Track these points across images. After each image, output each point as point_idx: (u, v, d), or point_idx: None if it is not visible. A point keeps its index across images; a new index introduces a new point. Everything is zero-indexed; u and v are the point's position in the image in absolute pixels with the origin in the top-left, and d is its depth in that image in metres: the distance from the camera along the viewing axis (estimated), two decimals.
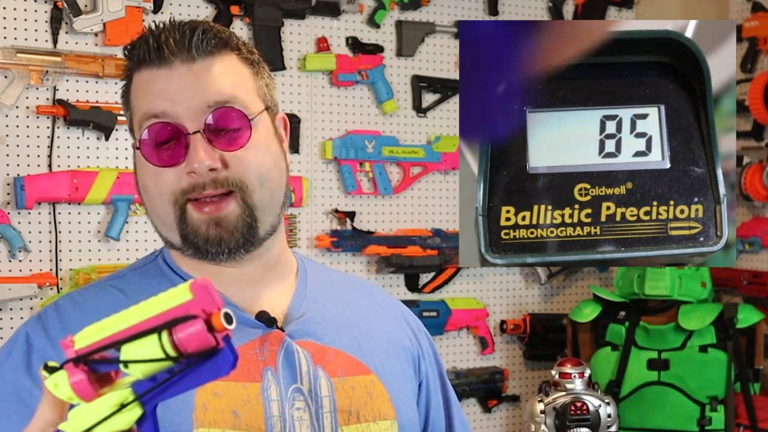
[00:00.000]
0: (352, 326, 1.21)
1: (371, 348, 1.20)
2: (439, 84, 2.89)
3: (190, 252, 1.13)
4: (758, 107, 2.86)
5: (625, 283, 2.70)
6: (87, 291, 1.18)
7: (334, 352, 1.16)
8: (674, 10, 3.29)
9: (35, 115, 2.35)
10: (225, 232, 1.10)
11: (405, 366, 1.23)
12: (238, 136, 1.10)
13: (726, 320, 2.56)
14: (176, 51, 1.09)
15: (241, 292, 1.15)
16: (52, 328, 1.11)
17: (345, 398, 1.14)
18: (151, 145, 1.10)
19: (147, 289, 1.13)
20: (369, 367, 1.18)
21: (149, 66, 1.11)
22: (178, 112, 1.09)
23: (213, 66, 1.10)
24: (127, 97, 1.16)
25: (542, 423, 2.12)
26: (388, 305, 1.30)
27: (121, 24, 2.41)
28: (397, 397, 1.18)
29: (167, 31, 1.11)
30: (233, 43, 1.14)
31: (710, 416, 2.52)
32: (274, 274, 1.19)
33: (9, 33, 2.33)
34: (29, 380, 1.07)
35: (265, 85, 1.17)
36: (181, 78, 1.09)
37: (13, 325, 2.34)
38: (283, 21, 2.64)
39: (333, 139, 2.72)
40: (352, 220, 2.75)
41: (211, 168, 1.08)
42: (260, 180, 1.11)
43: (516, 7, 3.02)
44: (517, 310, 3.04)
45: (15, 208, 2.33)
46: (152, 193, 1.12)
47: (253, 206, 1.11)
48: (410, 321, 1.31)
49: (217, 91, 1.09)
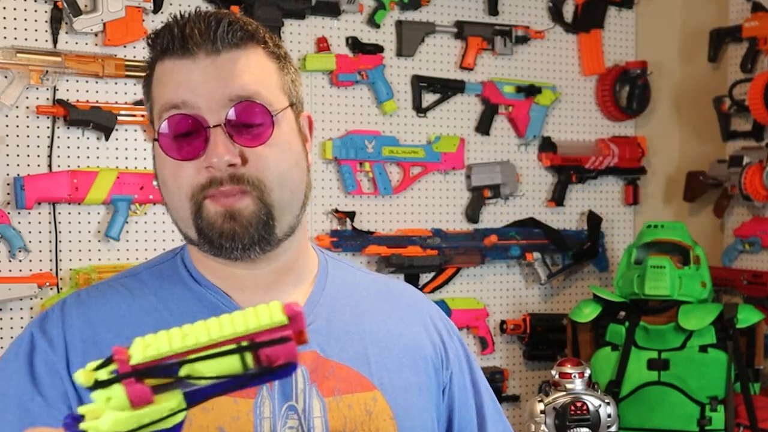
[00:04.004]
0: (362, 337, 1.16)
1: (380, 360, 1.15)
2: (439, 84, 2.89)
3: (206, 248, 1.10)
4: (758, 107, 2.86)
5: (625, 283, 2.70)
6: (96, 290, 1.16)
7: (336, 366, 1.12)
8: (674, 10, 3.29)
9: (35, 115, 2.35)
10: (239, 226, 1.06)
11: (422, 376, 1.18)
12: (260, 132, 1.07)
13: (726, 320, 2.56)
14: (201, 42, 1.06)
15: (253, 298, 1.12)
16: (55, 328, 1.11)
17: (339, 418, 1.10)
18: (170, 137, 1.07)
19: (158, 291, 1.14)
20: (373, 382, 1.13)
21: (172, 56, 1.08)
22: (199, 104, 1.06)
23: (238, 59, 1.07)
24: (149, 87, 1.12)
25: (542, 423, 2.13)
26: (414, 309, 1.25)
27: (121, 24, 2.41)
28: (402, 414, 1.14)
29: (192, 21, 1.08)
30: (259, 37, 1.11)
31: (710, 416, 2.52)
32: (290, 277, 1.16)
33: (9, 33, 2.33)
34: (31, 384, 1.07)
35: (291, 80, 1.15)
36: (205, 70, 1.06)
37: (13, 325, 2.34)
38: (283, 21, 2.63)
39: (333, 139, 2.72)
40: (352, 220, 2.75)
41: (230, 163, 1.05)
42: (279, 179, 1.08)
43: (516, 7, 3.02)
44: (517, 310, 3.04)
45: (15, 208, 2.33)
46: (171, 187, 1.09)
47: (270, 205, 1.08)
48: (438, 325, 1.26)
49: (240, 86, 1.06)
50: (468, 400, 1.25)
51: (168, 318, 1.11)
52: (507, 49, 2.98)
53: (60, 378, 1.07)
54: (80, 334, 1.10)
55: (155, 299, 1.13)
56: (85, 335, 1.10)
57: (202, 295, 1.13)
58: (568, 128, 3.13)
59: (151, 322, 1.10)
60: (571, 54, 3.13)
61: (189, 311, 1.11)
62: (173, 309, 1.12)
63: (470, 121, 2.96)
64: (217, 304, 1.12)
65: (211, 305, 1.12)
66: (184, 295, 1.13)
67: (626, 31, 3.22)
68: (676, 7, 3.30)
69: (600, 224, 3.12)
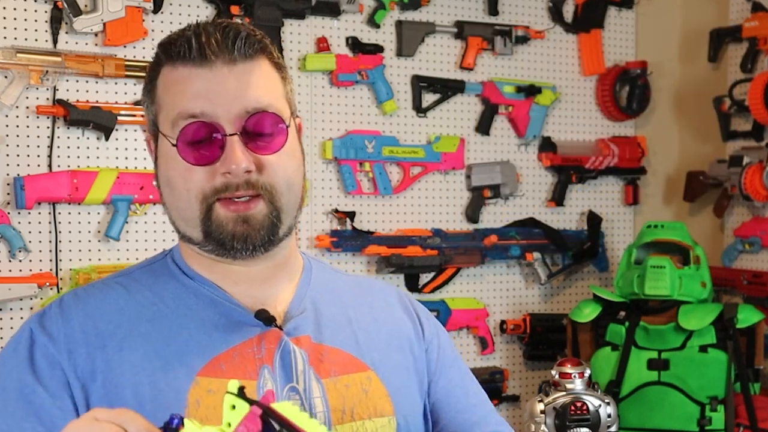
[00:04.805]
0: (351, 322, 1.23)
1: (370, 343, 1.21)
2: (439, 84, 2.89)
3: (210, 248, 1.15)
4: (758, 107, 2.86)
5: (625, 283, 2.70)
6: (93, 287, 1.20)
7: (330, 350, 1.18)
8: (674, 10, 3.29)
9: (35, 115, 2.35)
10: (252, 229, 1.12)
11: (408, 358, 1.25)
12: (273, 141, 1.13)
13: (726, 320, 2.56)
14: (218, 52, 1.11)
15: (247, 291, 1.18)
16: (54, 324, 1.13)
17: (338, 398, 1.15)
18: (187, 142, 1.11)
19: (153, 287, 1.19)
20: (366, 363, 1.19)
21: (187, 63, 1.11)
22: (217, 114, 1.10)
23: (252, 71, 1.12)
24: (153, 90, 1.16)
25: (542, 423, 2.12)
26: (393, 299, 1.32)
27: (121, 24, 2.41)
28: (396, 392, 1.19)
29: (210, 30, 1.12)
30: (268, 49, 1.16)
31: (710, 416, 2.52)
32: (283, 273, 1.21)
33: (9, 33, 2.33)
34: (32, 377, 1.09)
35: (290, 89, 1.20)
36: (223, 80, 1.10)
37: (13, 325, 2.34)
38: (283, 21, 2.63)
39: (333, 139, 2.72)
40: (352, 220, 2.75)
41: (247, 170, 1.10)
42: (288, 184, 1.14)
43: (516, 7, 3.02)
44: (517, 310, 3.04)
45: (15, 208, 2.33)
46: (179, 189, 1.13)
47: (279, 209, 1.14)
48: (417, 307, 1.32)
49: (256, 98, 1.11)
50: (446, 372, 1.29)
51: (165, 310, 1.16)
52: (507, 49, 2.98)
53: (61, 370, 1.10)
54: (81, 327, 1.13)
55: (151, 294, 1.18)
56: (85, 327, 1.13)
57: (196, 289, 1.18)
58: (568, 128, 3.13)
59: (149, 315, 1.15)
60: (571, 54, 3.13)
61: (185, 304, 1.16)
62: (169, 302, 1.17)
63: (470, 121, 2.96)
64: (212, 297, 1.17)
65: (206, 298, 1.17)
66: (178, 290, 1.18)
67: (626, 31, 3.22)
68: (676, 7, 3.30)
69: (600, 224, 3.12)
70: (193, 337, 1.13)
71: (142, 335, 1.13)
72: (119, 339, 1.12)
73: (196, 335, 1.13)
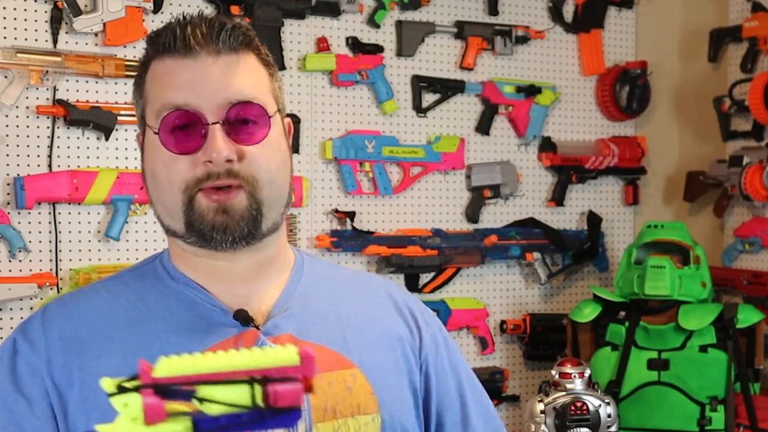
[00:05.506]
0: (340, 320, 1.22)
1: (358, 341, 1.20)
2: (439, 84, 2.89)
3: (192, 239, 1.15)
4: (758, 107, 2.86)
5: (625, 283, 2.70)
6: (79, 293, 1.22)
7: (313, 348, 1.17)
8: (674, 10, 3.29)
9: (35, 115, 2.35)
10: (231, 220, 1.12)
11: (400, 359, 1.23)
12: (256, 131, 1.12)
13: (726, 320, 2.56)
14: (203, 42, 1.11)
15: (231, 290, 1.18)
16: (36, 331, 1.15)
17: (320, 395, 1.14)
18: (168, 130, 1.11)
19: (138, 290, 1.19)
20: (352, 360, 1.18)
21: (172, 55, 1.12)
22: (200, 104, 1.10)
23: (237, 63, 1.13)
24: (142, 84, 1.16)
25: (542, 423, 2.12)
26: (390, 297, 1.30)
27: (121, 24, 2.41)
28: (381, 390, 1.18)
29: (195, 22, 1.12)
30: (254, 44, 1.16)
31: (710, 416, 2.52)
32: (269, 271, 1.21)
33: (9, 33, 2.33)
34: (13, 386, 1.12)
35: (278, 87, 1.20)
36: (206, 70, 1.11)
37: (13, 325, 2.34)
38: (283, 21, 2.64)
39: (333, 139, 2.72)
40: (352, 220, 2.75)
41: (228, 159, 1.09)
42: (270, 177, 1.14)
43: (516, 7, 3.02)
44: (517, 310, 3.04)
45: (15, 208, 2.33)
46: (161, 179, 1.13)
47: (260, 202, 1.13)
48: (414, 310, 1.30)
49: (239, 89, 1.11)
50: (447, 381, 1.28)
51: (146, 314, 1.16)
52: (507, 49, 2.98)
53: (41, 378, 1.12)
54: (60, 333, 1.14)
55: (135, 297, 1.19)
56: (64, 334, 1.14)
57: (179, 291, 1.18)
58: (568, 128, 3.13)
59: (130, 319, 1.16)
60: (571, 54, 3.13)
61: (166, 307, 1.17)
62: (151, 305, 1.17)
63: (470, 121, 2.96)
64: (194, 299, 1.17)
65: (188, 300, 1.17)
66: (161, 293, 1.19)
67: (626, 31, 3.22)
68: (676, 7, 3.30)
69: (600, 224, 3.12)
70: (170, 340, 1.13)
71: (120, 340, 1.13)
72: (98, 344, 1.13)
73: (174, 338, 1.13)
